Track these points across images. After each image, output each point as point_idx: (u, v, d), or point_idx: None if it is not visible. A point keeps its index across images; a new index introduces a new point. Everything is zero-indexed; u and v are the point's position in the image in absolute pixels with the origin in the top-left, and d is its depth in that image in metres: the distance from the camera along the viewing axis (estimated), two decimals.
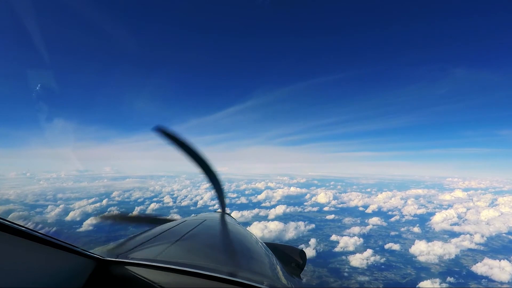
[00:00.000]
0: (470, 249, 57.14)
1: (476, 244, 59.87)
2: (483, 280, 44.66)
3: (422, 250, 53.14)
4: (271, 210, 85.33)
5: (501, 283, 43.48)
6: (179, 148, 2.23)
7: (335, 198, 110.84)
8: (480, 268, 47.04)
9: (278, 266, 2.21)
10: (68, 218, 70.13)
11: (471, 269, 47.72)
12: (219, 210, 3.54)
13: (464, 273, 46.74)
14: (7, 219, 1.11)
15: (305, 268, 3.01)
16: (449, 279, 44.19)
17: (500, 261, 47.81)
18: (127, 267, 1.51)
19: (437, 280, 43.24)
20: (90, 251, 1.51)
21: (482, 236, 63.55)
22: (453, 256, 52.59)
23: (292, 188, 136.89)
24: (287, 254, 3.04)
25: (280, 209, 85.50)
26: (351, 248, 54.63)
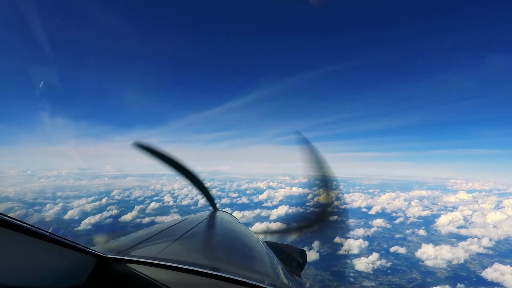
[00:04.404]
0: (478, 254, 55.74)
1: (484, 248, 58.42)
2: (495, 287, 43.19)
3: (430, 254, 51.75)
4: (273, 210, 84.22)
5: None
6: (159, 160, 2.37)
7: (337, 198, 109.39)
8: (490, 273, 45.58)
9: (278, 265, 2.21)
10: (67, 216, 69.98)
11: (481, 274, 46.23)
12: (211, 209, 3.67)
13: (474, 279, 45.27)
14: (8, 215, 1.10)
15: (307, 271, 2.98)
16: (459, 285, 42.81)
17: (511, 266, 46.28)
18: (128, 264, 1.53)
19: (447, 286, 41.94)
20: (91, 248, 1.52)
21: (491, 240, 62.03)
22: (462, 261, 51.21)
23: (294, 188, 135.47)
24: (288, 253, 3.03)
25: (282, 210, 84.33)
26: (355, 251, 53.49)
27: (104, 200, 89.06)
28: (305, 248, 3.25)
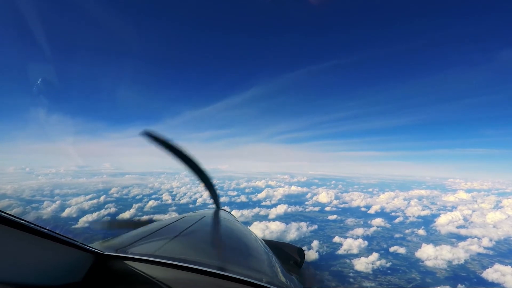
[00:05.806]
0: (478, 254, 55.36)
1: (485, 248, 58.00)
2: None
3: (430, 254, 51.30)
4: (272, 209, 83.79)
5: None
6: (168, 151, 2.32)
7: (336, 198, 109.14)
8: (491, 274, 45.13)
9: (276, 264, 2.23)
10: (64, 214, 69.54)
11: (481, 275, 45.81)
12: (214, 207, 3.67)
13: (475, 279, 44.86)
14: (6, 212, 1.10)
15: (306, 270, 3.03)
16: (459, 286, 42.50)
17: None
18: (125, 261, 1.54)
19: (447, 287, 41.64)
20: (89, 245, 1.53)
21: (491, 240, 61.59)
22: (462, 261, 50.76)
23: (293, 187, 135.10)
24: (286, 252, 3.04)
25: (281, 209, 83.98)
26: (355, 251, 52.98)
27: (102, 198, 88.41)
28: (304, 248, 3.25)
